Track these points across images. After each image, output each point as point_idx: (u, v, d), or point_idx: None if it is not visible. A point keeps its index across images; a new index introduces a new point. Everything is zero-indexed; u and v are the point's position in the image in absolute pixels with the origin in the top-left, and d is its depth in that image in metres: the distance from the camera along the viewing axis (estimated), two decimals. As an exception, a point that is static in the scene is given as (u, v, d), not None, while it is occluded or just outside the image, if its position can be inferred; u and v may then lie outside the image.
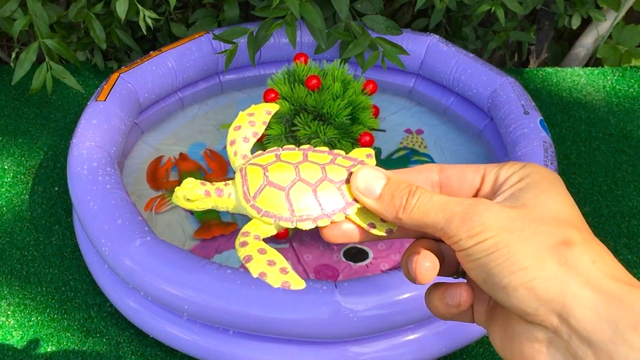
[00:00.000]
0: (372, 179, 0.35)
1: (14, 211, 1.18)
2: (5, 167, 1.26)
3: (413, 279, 0.35)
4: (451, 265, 0.36)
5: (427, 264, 0.34)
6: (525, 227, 0.30)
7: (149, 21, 1.25)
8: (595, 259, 0.29)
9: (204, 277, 0.88)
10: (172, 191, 1.19)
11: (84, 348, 0.99)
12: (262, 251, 0.36)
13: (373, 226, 0.36)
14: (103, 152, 1.07)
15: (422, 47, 1.33)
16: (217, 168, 1.25)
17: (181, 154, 1.27)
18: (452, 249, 0.33)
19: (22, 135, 1.33)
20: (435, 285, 0.36)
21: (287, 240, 1.12)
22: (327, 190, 0.36)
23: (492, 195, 0.33)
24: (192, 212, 1.16)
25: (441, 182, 0.35)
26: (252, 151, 0.40)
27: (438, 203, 0.32)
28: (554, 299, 0.29)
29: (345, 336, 0.90)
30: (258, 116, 0.41)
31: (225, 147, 1.30)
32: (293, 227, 0.36)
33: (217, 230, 1.12)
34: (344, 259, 1.09)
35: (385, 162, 1.27)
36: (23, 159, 1.28)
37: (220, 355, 0.94)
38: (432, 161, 1.28)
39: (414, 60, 1.33)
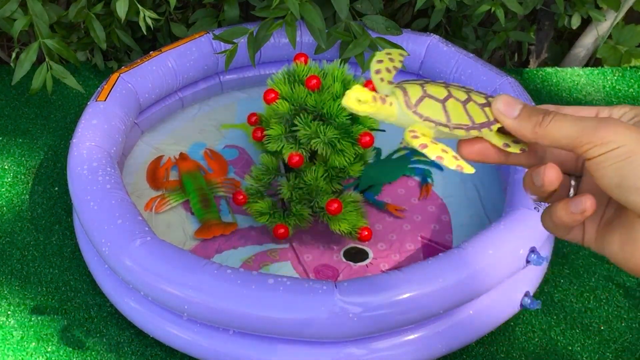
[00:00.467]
0: (511, 101, 0.40)
1: (14, 211, 1.18)
2: (6, 167, 1.26)
3: (540, 186, 0.38)
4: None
5: (554, 171, 0.37)
6: None
7: (149, 21, 1.25)
8: None
9: (204, 277, 0.88)
10: (172, 191, 1.20)
11: (84, 348, 0.99)
12: (434, 142, 0.42)
13: (507, 145, 0.41)
14: (103, 152, 1.07)
15: (422, 47, 1.33)
16: (218, 168, 1.25)
17: (181, 154, 1.27)
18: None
19: (22, 135, 1.33)
20: (554, 204, 0.39)
21: (287, 240, 1.12)
22: (473, 108, 0.42)
23: None
24: (192, 212, 1.16)
25: None
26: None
27: (571, 118, 0.36)
28: None
29: (345, 336, 0.90)
30: (394, 55, 0.47)
31: (225, 147, 1.31)
32: (450, 132, 0.42)
33: (217, 230, 1.12)
34: (344, 259, 1.10)
35: (385, 162, 1.27)
36: (23, 159, 1.28)
37: (220, 355, 0.94)
38: (432, 161, 1.28)
39: (414, 60, 1.33)
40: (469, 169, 0.42)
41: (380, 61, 0.46)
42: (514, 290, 1.00)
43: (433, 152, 0.42)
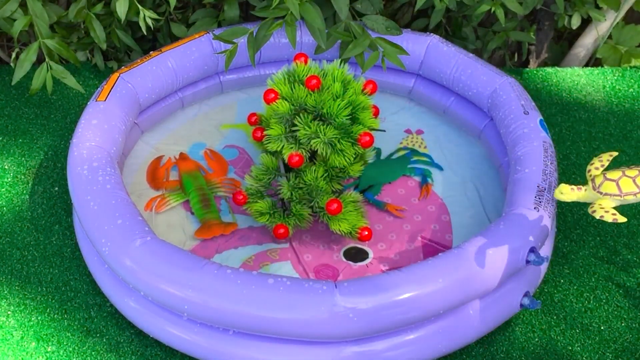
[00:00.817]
0: None
1: (14, 211, 1.18)
2: (6, 167, 1.26)
3: None
4: None
5: None
6: None
7: (149, 21, 1.25)
8: None
9: (204, 277, 0.88)
10: (172, 191, 1.20)
11: (84, 348, 0.99)
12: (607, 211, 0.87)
13: None
14: (103, 152, 1.07)
15: (422, 47, 1.33)
16: (218, 168, 1.25)
17: (181, 154, 1.27)
18: None
19: (22, 136, 1.33)
20: None
21: (287, 240, 1.12)
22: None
23: None
24: (192, 212, 1.16)
25: None
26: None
27: None
28: None
29: (345, 336, 0.90)
30: (604, 156, 0.83)
31: (225, 147, 1.31)
32: (623, 199, 0.74)
33: (217, 230, 1.12)
34: (344, 259, 1.10)
35: (385, 162, 1.27)
36: (23, 159, 1.28)
37: (220, 355, 0.94)
38: (432, 161, 1.28)
39: (414, 60, 1.33)
40: (622, 219, 0.79)
41: (592, 163, 0.94)
42: (514, 290, 1.00)
43: (608, 218, 0.85)
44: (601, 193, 0.91)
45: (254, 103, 1.39)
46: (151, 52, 1.27)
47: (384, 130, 1.19)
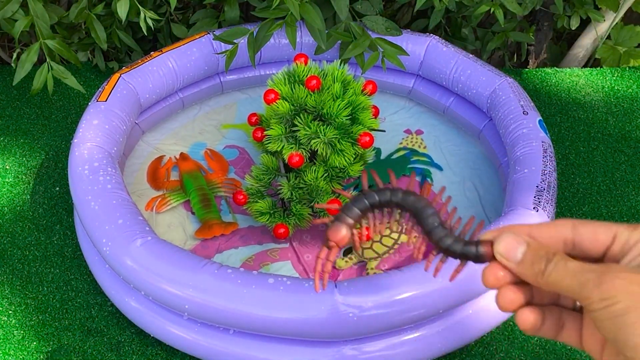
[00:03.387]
0: (514, 244, 0.38)
1: (16, 211, 1.19)
2: (7, 167, 1.27)
3: (504, 310, 0.40)
4: (571, 332, 0.40)
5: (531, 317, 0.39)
6: None
7: (150, 22, 1.25)
8: None
9: (205, 277, 0.89)
10: (173, 191, 1.20)
11: (85, 347, 0.99)
12: None
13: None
14: (104, 152, 1.08)
15: (421, 47, 1.33)
16: (218, 168, 1.25)
17: (182, 154, 1.27)
18: (579, 316, 0.39)
19: (23, 136, 1.34)
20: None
21: (288, 240, 1.12)
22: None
23: (621, 255, 0.37)
24: (192, 212, 1.17)
25: (574, 240, 0.39)
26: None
27: (572, 270, 0.36)
28: None
29: (344, 336, 0.90)
30: None
31: (225, 147, 1.31)
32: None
33: (218, 230, 1.12)
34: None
35: (385, 162, 1.27)
36: (24, 159, 1.29)
37: (220, 355, 0.94)
38: (432, 161, 1.28)
39: (413, 60, 1.34)
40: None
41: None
42: (513, 290, 1.00)
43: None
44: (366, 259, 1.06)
45: (254, 103, 1.39)
46: (152, 53, 1.27)
47: (384, 131, 1.19)
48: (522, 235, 0.39)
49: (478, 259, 0.40)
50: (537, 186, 1.04)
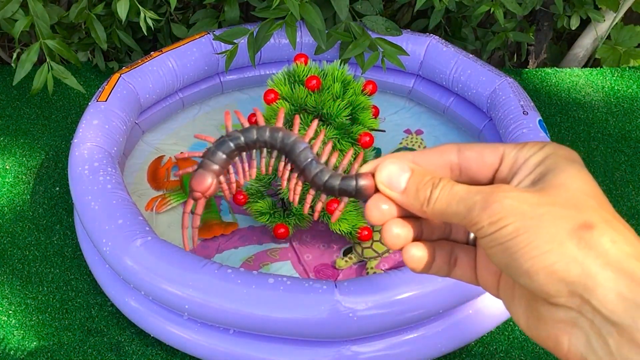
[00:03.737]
0: (396, 172, 0.35)
1: (16, 211, 1.19)
2: (7, 167, 1.27)
3: (391, 246, 0.36)
4: (465, 267, 0.37)
5: (418, 253, 0.36)
6: (545, 212, 0.30)
7: (150, 22, 1.25)
8: (616, 239, 0.29)
9: (205, 277, 0.89)
10: (173, 191, 1.20)
11: (85, 347, 0.99)
12: None
13: None
14: (104, 152, 1.08)
15: (421, 47, 1.33)
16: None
17: (182, 154, 1.27)
18: (473, 250, 0.36)
19: (23, 136, 1.34)
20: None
21: (287, 240, 1.12)
22: None
23: (510, 175, 0.34)
24: (192, 212, 1.17)
25: (460, 164, 0.36)
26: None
27: (459, 194, 0.33)
28: (575, 281, 0.29)
29: (345, 336, 0.90)
30: None
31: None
32: None
33: (218, 229, 1.12)
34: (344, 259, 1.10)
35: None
36: (24, 159, 1.29)
37: (220, 355, 0.94)
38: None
39: (413, 60, 1.34)
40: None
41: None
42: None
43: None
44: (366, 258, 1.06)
45: (254, 103, 1.39)
46: (152, 53, 1.27)
47: (384, 131, 1.19)
48: (405, 162, 0.36)
49: (359, 193, 0.36)
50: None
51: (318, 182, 0.37)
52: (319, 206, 0.39)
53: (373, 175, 0.36)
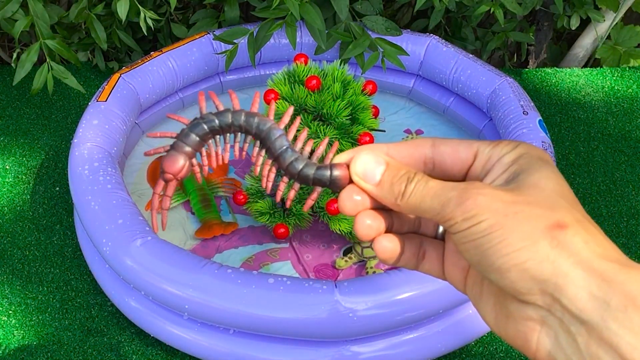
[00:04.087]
0: (371, 164, 0.35)
1: (16, 211, 1.19)
2: (7, 167, 1.27)
3: (363, 237, 0.36)
4: (433, 261, 0.37)
5: (387, 244, 0.36)
6: (519, 211, 0.30)
7: (150, 22, 1.25)
8: (588, 240, 0.30)
9: (205, 277, 0.89)
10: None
11: (85, 347, 0.99)
12: None
13: None
14: (104, 152, 1.08)
15: (421, 47, 1.33)
16: (218, 168, 1.25)
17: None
18: (441, 244, 0.36)
19: (23, 136, 1.34)
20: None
21: (287, 240, 1.12)
22: None
23: (483, 172, 0.34)
24: (192, 212, 1.17)
25: (434, 159, 0.36)
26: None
27: (434, 189, 0.33)
28: (546, 279, 0.29)
29: (344, 335, 0.90)
30: None
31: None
32: None
33: (218, 230, 1.12)
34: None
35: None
36: (24, 159, 1.29)
37: (220, 355, 0.94)
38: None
39: (413, 60, 1.34)
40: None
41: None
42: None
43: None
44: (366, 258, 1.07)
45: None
46: (152, 53, 1.27)
47: (384, 131, 1.19)
48: (381, 155, 0.35)
49: (333, 184, 0.36)
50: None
51: (292, 171, 0.37)
52: (291, 194, 0.39)
53: (348, 166, 0.36)
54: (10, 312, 1.03)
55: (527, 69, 1.59)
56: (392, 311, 0.89)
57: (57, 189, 1.23)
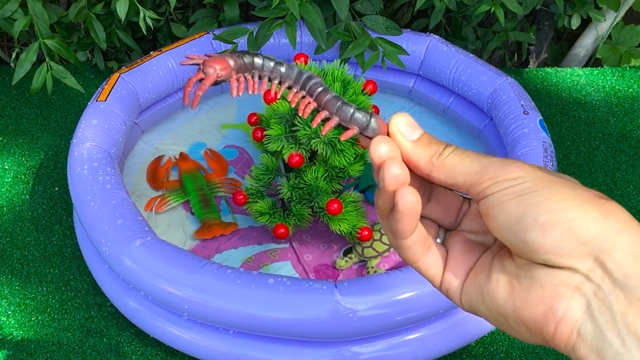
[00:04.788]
0: (413, 123, 0.35)
1: (15, 211, 1.19)
2: (6, 167, 1.26)
3: (387, 187, 0.33)
4: (436, 259, 0.36)
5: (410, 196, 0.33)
6: (561, 182, 0.30)
7: (149, 21, 1.25)
8: (631, 217, 0.30)
9: (204, 277, 0.88)
10: (173, 191, 1.20)
11: (85, 348, 0.99)
12: None
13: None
14: (103, 152, 1.07)
15: (422, 47, 1.33)
16: (218, 168, 1.25)
17: (181, 154, 1.27)
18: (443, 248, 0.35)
19: (22, 135, 1.34)
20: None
21: (287, 240, 1.12)
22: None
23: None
24: (192, 212, 1.16)
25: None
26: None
27: (473, 154, 0.33)
28: (592, 241, 0.28)
29: (345, 336, 0.90)
30: None
31: (225, 147, 1.31)
32: None
33: (218, 230, 1.12)
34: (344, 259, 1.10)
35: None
36: (23, 159, 1.29)
37: (220, 355, 0.94)
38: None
39: (413, 60, 1.34)
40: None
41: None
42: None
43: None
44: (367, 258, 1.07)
45: (254, 103, 1.39)
46: (151, 52, 1.27)
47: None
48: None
49: (369, 128, 0.35)
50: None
51: (332, 106, 0.36)
52: (330, 124, 0.37)
53: (384, 123, 0.36)
54: (9, 312, 1.03)
55: (527, 69, 1.59)
56: (392, 311, 0.89)
57: (57, 189, 1.23)
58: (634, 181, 1.31)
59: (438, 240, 0.37)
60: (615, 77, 1.56)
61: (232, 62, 0.37)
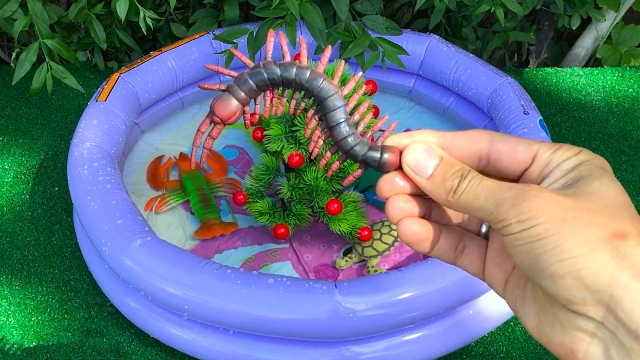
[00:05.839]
0: (424, 156, 0.34)
1: (15, 211, 1.19)
2: (6, 167, 1.26)
3: (392, 220, 0.35)
4: (473, 258, 0.36)
5: (415, 227, 0.34)
6: (578, 217, 0.29)
7: (149, 21, 1.25)
8: None
9: (204, 277, 0.88)
10: (173, 191, 1.20)
11: (85, 348, 0.99)
12: None
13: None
14: (103, 152, 1.07)
15: (422, 47, 1.33)
16: (218, 168, 1.25)
17: (181, 154, 1.27)
18: (484, 243, 0.35)
19: (22, 135, 1.34)
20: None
21: (287, 240, 1.12)
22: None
23: (540, 177, 0.33)
24: (192, 212, 1.16)
25: (490, 156, 0.34)
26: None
27: (488, 188, 0.32)
28: (602, 290, 0.28)
29: (345, 336, 0.90)
30: None
31: (225, 147, 1.31)
32: None
33: (218, 230, 1.12)
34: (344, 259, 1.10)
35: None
36: (23, 159, 1.29)
37: (220, 355, 0.94)
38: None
39: (413, 60, 1.34)
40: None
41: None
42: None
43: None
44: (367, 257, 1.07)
45: (254, 103, 1.39)
46: (151, 52, 1.27)
47: (384, 131, 1.19)
48: (435, 148, 0.34)
49: (380, 167, 0.35)
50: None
51: (344, 147, 0.35)
52: (335, 165, 0.37)
53: (400, 152, 0.35)
54: (9, 312, 1.03)
55: (527, 69, 1.59)
56: (392, 311, 0.88)
57: (57, 189, 1.23)
58: (634, 181, 1.31)
59: (483, 230, 0.36)
60: (615, 77, 1.56)
61: (234, 105, 0.36)
